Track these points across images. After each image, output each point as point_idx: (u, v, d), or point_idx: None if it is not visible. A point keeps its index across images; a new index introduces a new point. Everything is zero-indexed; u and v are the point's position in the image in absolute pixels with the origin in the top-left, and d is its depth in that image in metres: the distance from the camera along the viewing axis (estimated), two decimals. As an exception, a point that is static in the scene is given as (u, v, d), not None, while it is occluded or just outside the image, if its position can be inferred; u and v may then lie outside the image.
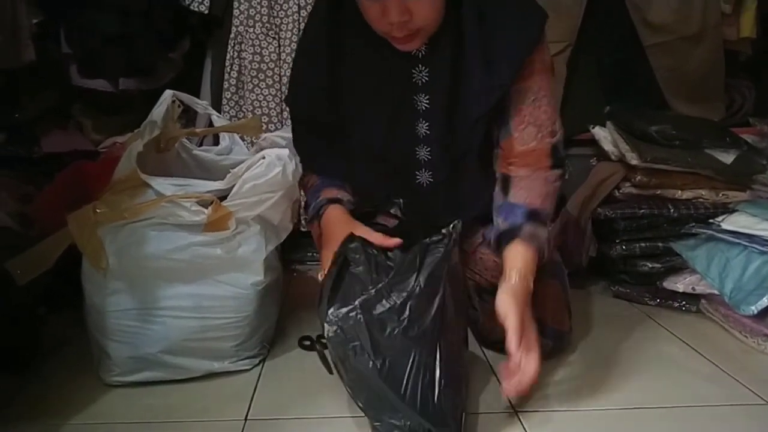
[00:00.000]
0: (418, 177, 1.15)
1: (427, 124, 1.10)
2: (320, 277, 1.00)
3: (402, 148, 1.12)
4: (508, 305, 0.96)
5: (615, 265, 1.55)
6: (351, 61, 1.08)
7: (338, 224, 1.07)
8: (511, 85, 1.05)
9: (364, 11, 1.00)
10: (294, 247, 1.79)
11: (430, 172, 1.14)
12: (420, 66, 1.07)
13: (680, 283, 1.44)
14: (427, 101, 1.09)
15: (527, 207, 1.06)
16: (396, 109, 1.09)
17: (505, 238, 1.06)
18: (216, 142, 1.66)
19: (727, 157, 1.55)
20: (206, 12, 1.70)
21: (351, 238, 0.99)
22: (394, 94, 1.08)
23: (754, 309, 1.23)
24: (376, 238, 1.00)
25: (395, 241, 0.99)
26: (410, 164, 1.14)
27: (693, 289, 1.42)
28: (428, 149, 1.12)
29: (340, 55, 1.07)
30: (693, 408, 1.04)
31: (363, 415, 0.96)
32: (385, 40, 1.03)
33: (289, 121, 1.65)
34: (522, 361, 0.94)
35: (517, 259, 1.02)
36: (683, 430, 0.97)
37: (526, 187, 1.08)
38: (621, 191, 1.55)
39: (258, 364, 1.20)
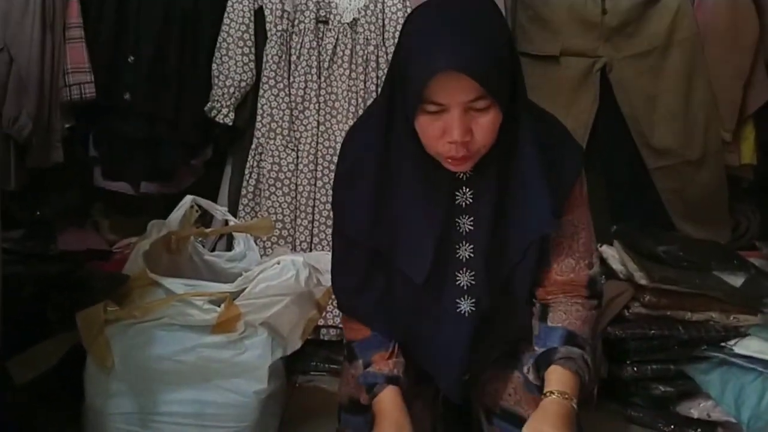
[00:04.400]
0: (459, 305, 1.07)
1: (471, 247, 1.05)
2: None
3: (443, 273, 1.06)
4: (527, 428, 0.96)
5: (627, 387, 1.51)
6: (397, 185, 1.04)
7: (390, 420, 1.03)
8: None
9: (421, 131, 0.96)
10: (298, 356, 1.75)
11: (473, 300, 1.07)
12: (464, 188, 1.04)
13: (694, 409, 1.40)
14: (471, 223, 1.05)
15: (565, 329, 1.04)
16: (440, 233, 1.04)
17: (542, 362, 1.03)
18: (230, 247, 1.69)
19: (736, 280, 1.56)
20: (231, 124, 1.79)
21: None
22: (439, 217, 1.04)
23: (774, 439, 1.19)
24: None
25: None
26: (451, 291, 1.07)
27: (708, 415, 1.37)
28: (472, 274, 1.06)
29: (387, 179, 1.04)
30: None
31: None
32: (431, 162, 1.00)
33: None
34: None
35: (553, 381, 1.00)
36: None
37: (564, 311, 1.06)
38: (630, 311, 1.54)
39: (256, 479, 1.15)
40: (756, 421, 1.24)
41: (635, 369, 1.47)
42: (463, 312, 1.07)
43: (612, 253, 1.64)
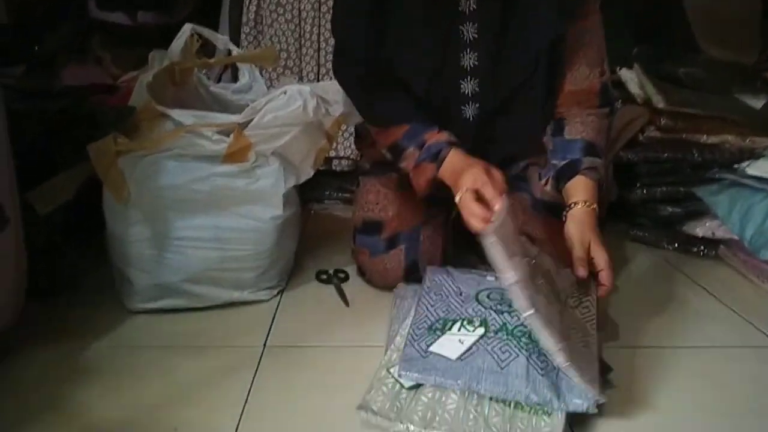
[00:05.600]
0: (464, 111, 1.10)
1: (475, 54, 1.07)
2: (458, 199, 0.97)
3: (447, 82, 1.09)
4: (574, 234, 1.01)
5: (635, 209, 1.54)
6: None
7: (469, 162, 1.02)
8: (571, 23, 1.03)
9: None
10: (312, 185, 1.79)
11: (477, 105, 1.10)
12: None
13: (699, 228, 1.42)
14: (475, 30, 1.05)
15: (584, 140, 1.07)
16: (442, 40, 1.05)
17: (565, 173, 1.07)
18: (235, 79, 1.65)
19: (757, 103, 1.51)
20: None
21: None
22: (441, 25, 1.05)
23: (774, 254, 1.22)
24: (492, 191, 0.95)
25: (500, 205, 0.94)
26: (456, 99, 1.10)
27: (712, 233, 1.40)
28: (476, 81, 1.08)
29: None
30: (706, 348, 1.05)
31: (377, 344, 0.98)
32: None
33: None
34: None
35: (579, 190, 1.05)
36: (696, 370, 0.98)
37: (582, 122, 1.09)
38: (645, 135, 1.52)
39: (276, 295, 1.22)
40: (758, 238, 1.27)
41: (644, 191, 1.49)
42: (467, 117, 1.10)
43: (631, 77, 1.58)
